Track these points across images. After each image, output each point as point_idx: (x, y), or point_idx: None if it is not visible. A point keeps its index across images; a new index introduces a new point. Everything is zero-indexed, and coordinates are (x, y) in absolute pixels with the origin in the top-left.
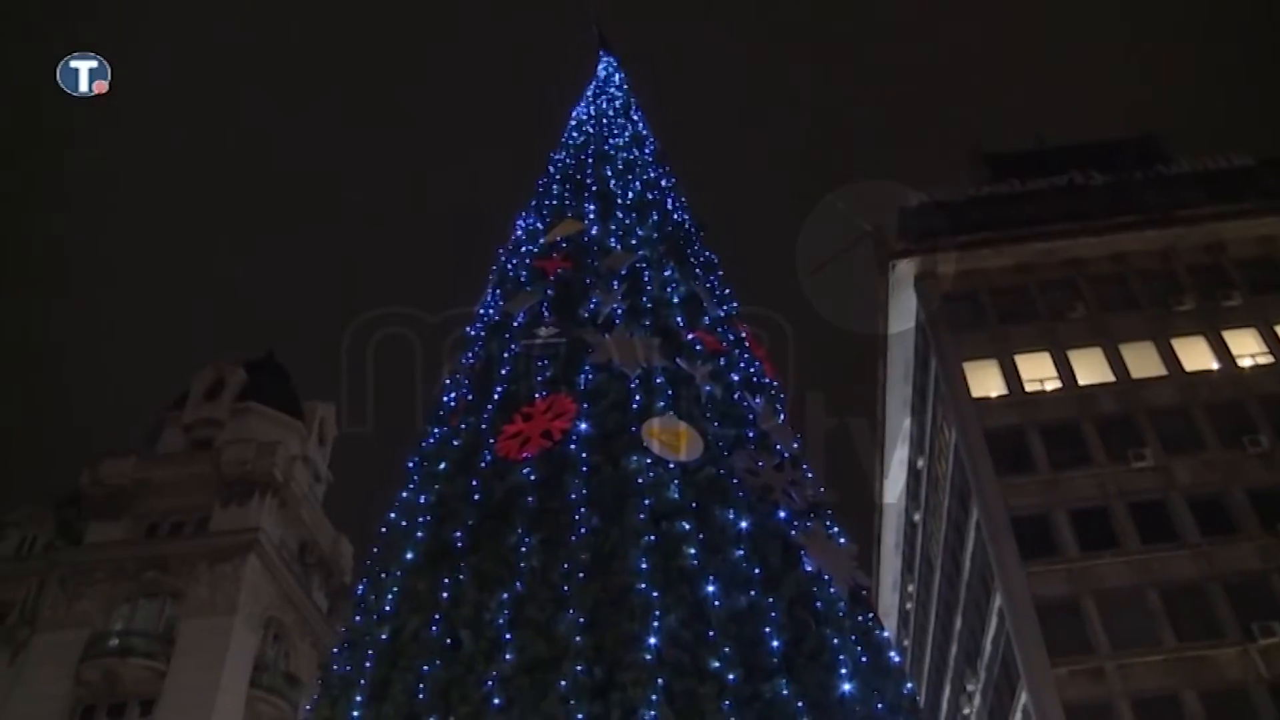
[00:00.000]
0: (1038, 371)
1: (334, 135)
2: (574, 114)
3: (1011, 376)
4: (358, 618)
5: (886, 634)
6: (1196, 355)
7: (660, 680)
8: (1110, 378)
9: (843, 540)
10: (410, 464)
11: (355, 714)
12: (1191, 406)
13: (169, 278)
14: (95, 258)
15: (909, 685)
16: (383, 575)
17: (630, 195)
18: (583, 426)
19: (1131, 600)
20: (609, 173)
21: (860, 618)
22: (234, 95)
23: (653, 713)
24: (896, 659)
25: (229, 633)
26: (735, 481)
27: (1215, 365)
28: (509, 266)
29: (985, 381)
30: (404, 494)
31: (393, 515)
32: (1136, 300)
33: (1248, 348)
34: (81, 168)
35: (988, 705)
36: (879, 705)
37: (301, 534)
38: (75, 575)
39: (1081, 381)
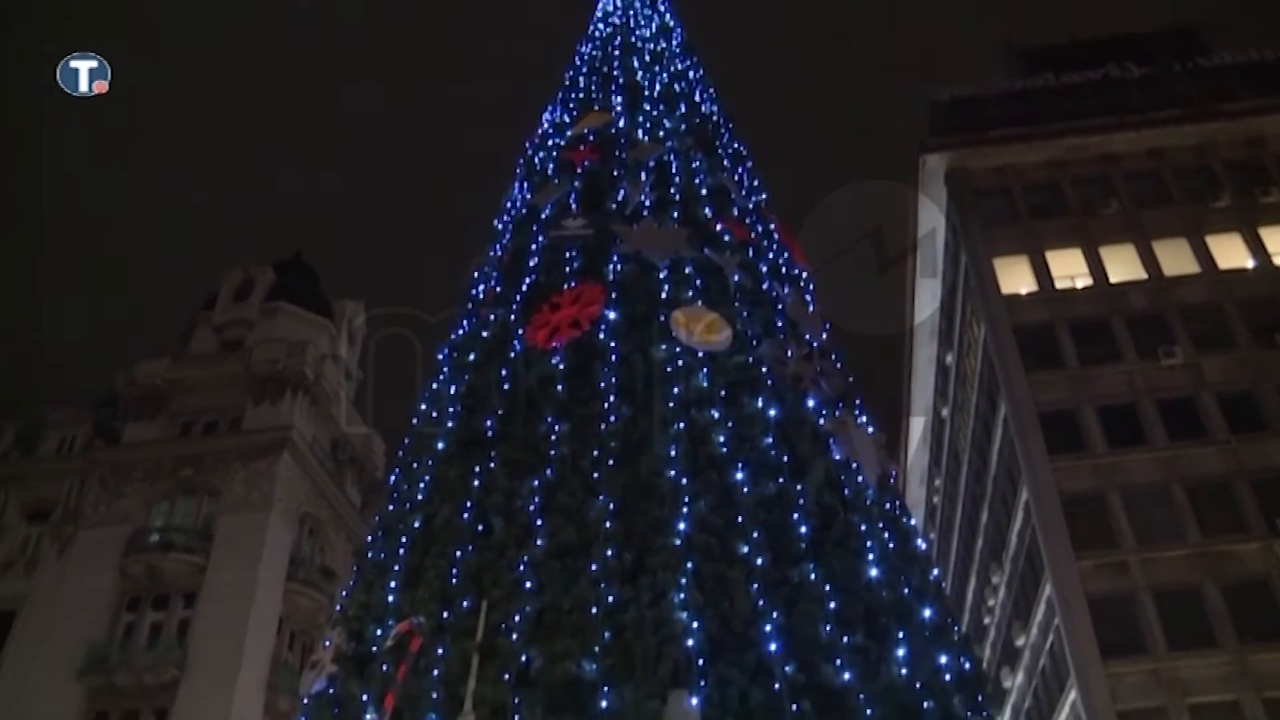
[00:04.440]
0: (1069, 268)
1: (356, 33)
2: (600, 5)
3: (1042, 272)
4: (390, 506)
5: (913, 521)
6: (1231, 252)
7: (689, 564)
8: (1142, 275)
9: (871, 429)
10: (440, 354)
11: (390, 599)
12: (1224, 304)
13: (198, 179)
14: (122, 163)
15: (935, 571)
16: (414, 464)
17: (658, 87)
18: (611, 315)
19: (1157, 495)
20: (636, 64)
21: (888, 505)
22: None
23: (682, 595)
24: (923, 546)
25: (265, 528)
26: (764, 370)
27: (1250, 263)
28: (536, 159)
29: (1015, 277)
30: (434, 384)
31: (423, 405)
32: (1171, 196)
33: None
34: (115, 68)
35: (1012, 597)
36: (905, 590)
37: (333, 431)
38: (115, 474)
39: (1113, 278)
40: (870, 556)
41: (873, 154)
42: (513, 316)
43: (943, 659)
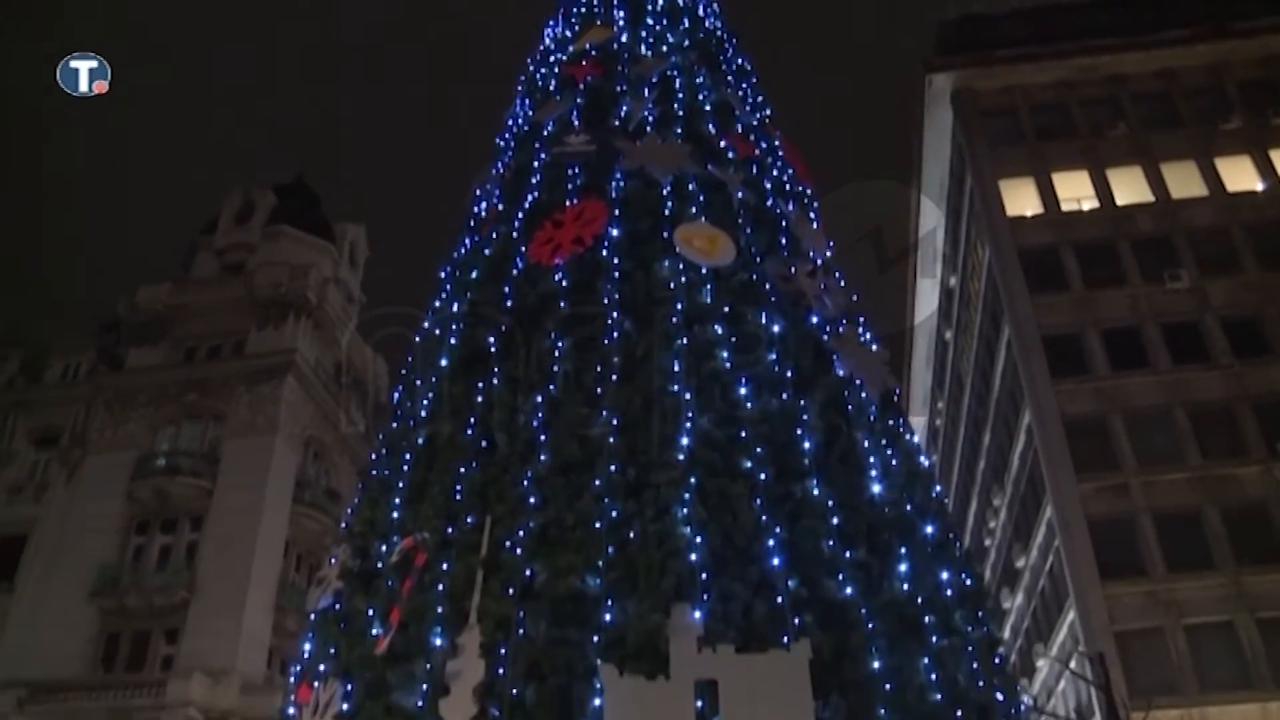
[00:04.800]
0: (1075, 190)
1: None
2: None
3: (1048, 194)
4: (394, 423)
5: (916, 438)
6: (1240, 175)
7: (692, 479)
8: (1149, 197)
9: (875, 345)
10: (442, 272)
11: (395, 515)
12: (1232, 227)
13: (199, 102)
14: (123, 88)
15: (938, 488)
16: (417, 381)
17: (661, 1)
18: (614, 231)
19: (1159, 419)
20: None
21: (891, 421)
22: None
23: (685, 510)
24: (926, 463)
25: (270, 452)
26: (768, 286)
27: (1259, 185)
28: (538, 75)
29: (1021, 199)
30: (436, 302)
31: (426, 323)
32: (1181, 118)
33: None
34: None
35: (1013, 519)
36: (908, 506)
37: (336, 354)
38: (120, 399)
39: (1119, 201)
40: (873, 472)
41: (878, 74)
42: (515, 234)
43: (944, 574)
